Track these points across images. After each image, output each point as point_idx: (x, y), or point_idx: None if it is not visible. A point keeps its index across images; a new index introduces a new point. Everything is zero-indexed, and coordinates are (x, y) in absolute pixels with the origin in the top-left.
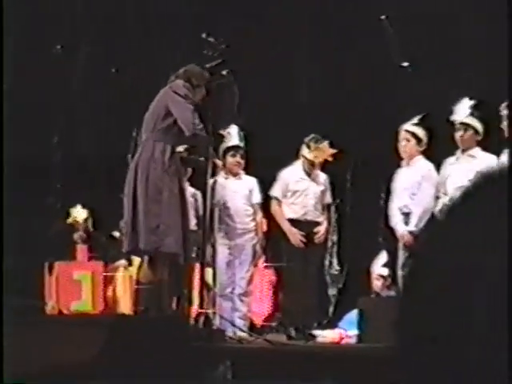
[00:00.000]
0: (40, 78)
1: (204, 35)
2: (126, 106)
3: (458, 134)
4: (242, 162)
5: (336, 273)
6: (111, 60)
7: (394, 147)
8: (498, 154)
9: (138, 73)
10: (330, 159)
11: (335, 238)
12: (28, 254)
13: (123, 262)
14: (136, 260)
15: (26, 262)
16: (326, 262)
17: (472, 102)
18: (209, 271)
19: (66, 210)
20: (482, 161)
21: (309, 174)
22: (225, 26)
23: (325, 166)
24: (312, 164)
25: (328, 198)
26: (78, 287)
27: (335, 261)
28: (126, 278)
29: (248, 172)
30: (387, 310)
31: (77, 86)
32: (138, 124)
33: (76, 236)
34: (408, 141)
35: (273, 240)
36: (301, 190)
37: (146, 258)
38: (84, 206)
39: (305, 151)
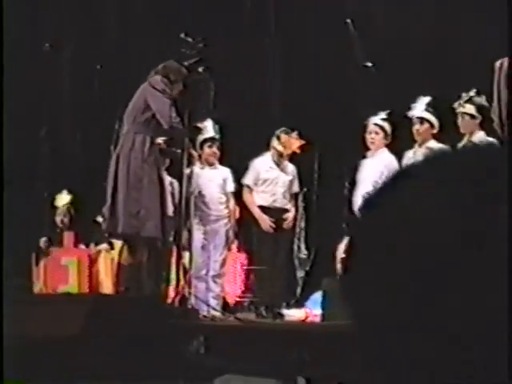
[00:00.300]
0: (29, 74)
1: (182, 35)
2: (110, 101)
3: (414, 128)
4: (218, 152)
5: (304, 257)
6: (96, 57)
7: (358, 140)
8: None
9: (121, 69)
10: (298, 151)
11: (303, 224)
12: (19, 239)
13: (105, 245)
14: (117, 244)
15: (17, 247)
16: (295, 247)
17: (428, 99)
18: (185, 254)
19: (53, 196)
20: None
21: (278, 164)
22: (201, 25)
23: (293, 157)
24: (281, 155)
25: (296, 187)
26: (65, 272)
27: (303, 245)
28: (107, 261)
29: (222, 162)
30: None
31: (64, 82)
32: (120, 117)
33: (58, 219)
34: (377, 133)
35: (245, 226)
36: (271, 179)
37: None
38: (70, 192)
39: (275, 143)
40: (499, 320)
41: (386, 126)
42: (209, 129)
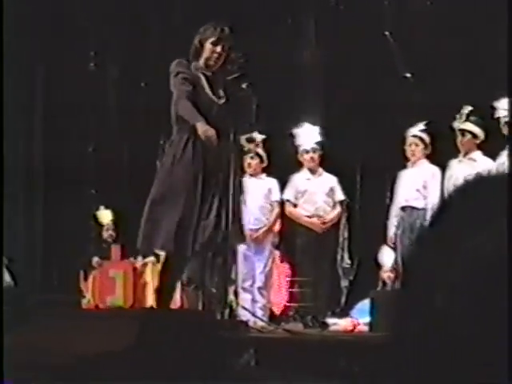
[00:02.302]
0: (76, 93)
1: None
2: (155, 118)
3: (458, 140)
4: (264, 163)
5: (347, 266)
6: (141, 74)
7: (398, 150)
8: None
9: (165, 86)
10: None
11: (346, 234)
12: (68, 253)
13: (152, 258)
14: (163, 256)
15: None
16: (338, 257)
17: (469, 109)
18: (230, 266)
19: (92, 214)
20: (482, 164)
21: (313, 173)
22: (242, 40)
23: (335, 168)
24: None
25: (339, 195)
26: (112, 284)
27: (346, 255)
28: (154, 273)
29: (268, 173)
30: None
31: (109, 100)
32: (166, 134)
33: (106, 235)
34: (416, 145)
35: (286, 237)
36: (309, 190)
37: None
38: (107, 207)
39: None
40: None
41: (425, 137)
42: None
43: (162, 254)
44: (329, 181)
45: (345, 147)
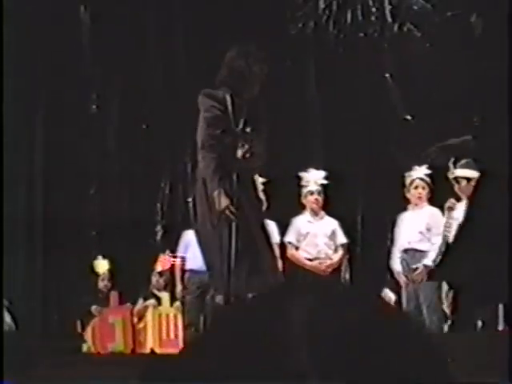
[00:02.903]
0: (77, 135)
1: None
2: (155, 160)
3: (456, 188)
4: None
5: None
6: (142, 117)
7: (398, 192)
8: None
9: (166, 129)
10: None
11: (347, 276)
12: (66, 300)
13: (152, 301)
14: (165, 298)
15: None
16: None
17: (452, 160)
18: None
19: (90, 263)
20: None
21: (316, 217)
22: None
23: (336, 210)
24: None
25: (341, 238)
26: (112, 330)
27: None
28: (155, 316)
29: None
30: None
31: (110, 142)
32: (167, 177)
33: (101, 285)
34: (423, 188)
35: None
36: (311, 232)
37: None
38: (105, 257)
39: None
40: None
41: (429, 180)
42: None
43: (164, 295)
44: (330, 224)
45: (346, 190)
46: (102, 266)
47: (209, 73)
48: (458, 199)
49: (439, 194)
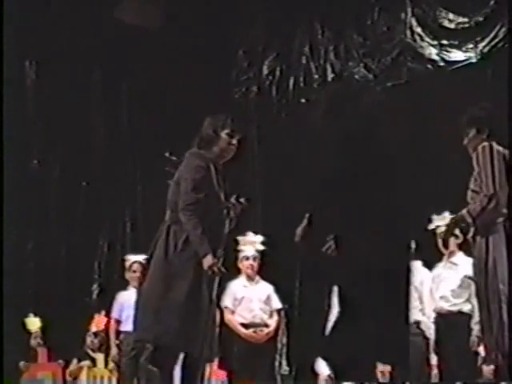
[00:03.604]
0: (17, 189)
1: (167, 154)
2: (95, 217)
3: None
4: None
5: (285, 373)
6: (82, 174)
7: None
8: None
9: (107, 186)
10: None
11: (284, 340)
12: None
13: (87, 362)
14: (99, 359)
15: None
16: (276, 363)
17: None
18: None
19: (22, 320)
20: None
21: (250, 280)
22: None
23: (273, 274)
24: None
25: (275, 303)
26: None
27: (284, 362)
28: (90, 378)
29: None
30: None
31: (50, 198)
32: (106, 235)
33: (33, 342)
34: None
35: (225, 343)
36: (246, 297)
37: None
38: (37, 315)
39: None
40: None
41: None
42: None
43: (99, 356)
44: (265, 288)
45: (284, 254)
46: (33, 323)
47: (150, 133)
48: None
49: None
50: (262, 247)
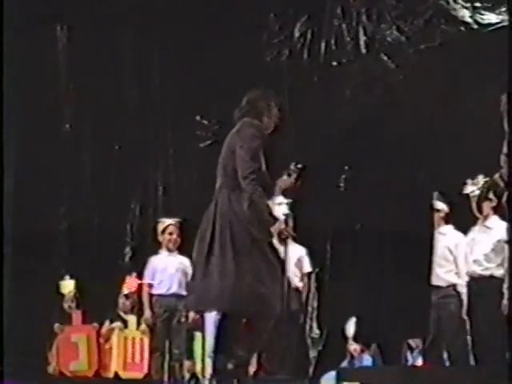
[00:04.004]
0: (49, 154)
1: (198, 117)
2: (127, 181)
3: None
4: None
5: (316, 336)
6: (114, 138)
7: None
8: None
9: (138, 150)
10: None
11: (315, 304)
12: (32, 317)
13: (119, 323)
14: (131, 321)
15: (30, 325)
16: (307, 327)
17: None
18: (198, 335)
19: (57, 283)
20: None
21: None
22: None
23: (306, 237)
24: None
25: (307, 267)
26: (75, 349)
27: (315, 325)
28: (120, 339)
29: None
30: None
31: (83, 162)
32: (138, 198)
33: (65, 306)
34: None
35: None
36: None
37: None
38: (72, 277)
39: None
40: None
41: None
42: None
43: (131, 318)
44: (297, 251)
45: (315, 217)
46: (67, 286)
47: (182, 97)
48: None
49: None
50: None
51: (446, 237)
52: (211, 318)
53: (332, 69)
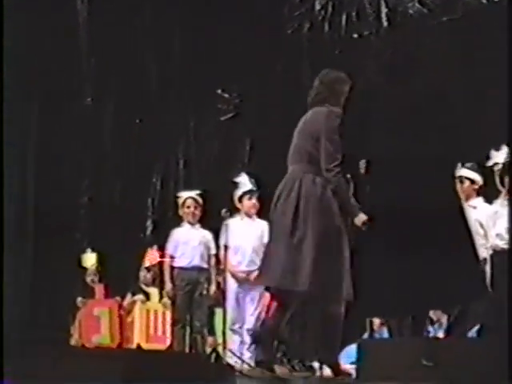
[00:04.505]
0: (71, 127)
1: (219, 91)
2: (148, 155)
3: (457, 187)
4: (257, 204)
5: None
6: (135, 111)
7: None
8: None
9: (159, 123)
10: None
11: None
12: (55, 290)
13: (141, 296)
14: (154, 294)
15: (53, 298)
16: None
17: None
18: (219, 311)
19: (79, 256)
20: (482, 210)
21: None
22: (238, 80)
23: None
24: None
25: None
26: (97, 322)
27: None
28: (142, 311)
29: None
30: (383, 349)
31: (104, 135)
32: (159, 172)
33: (88, 279)
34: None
35: None
36: None
37: None
38: (93, 250)
39: None
40: None
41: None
42: (245, 182)
43: (153, 291)
44: None
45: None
46: (89, 259)
47: (203, 70)
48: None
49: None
50: None
51: (477, 210)
52: (232, 291)
53: (353, 41)
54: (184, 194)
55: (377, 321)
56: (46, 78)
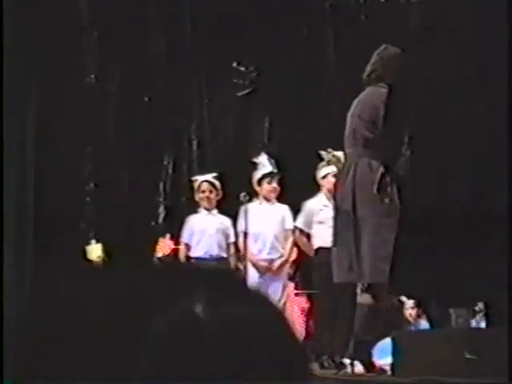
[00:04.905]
0: (74, 107)
1: (235, 64)
2: (158, 135)
3: None
4: (278, 188)
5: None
6: (143, 88)
7: None
8: None
9: (169, 101)
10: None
11: None
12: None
13: None
14: None
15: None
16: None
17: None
18: None
19: (83, 248)
20: None
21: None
22: (254, 53)
23: None
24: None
25: None
26: None
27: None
28: None
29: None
30: (421, 342)
31: (109, 115)
32: (170, 154)
33: None
34: None
35: (303, 267)
36: (326, 219)
37: None
38: (99, 241)
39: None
40: None
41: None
42: (265, 163)
43: None
44: None
45: None
46: (94, 251)
47: (217, 42)
48: None
49: None
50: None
51: None
52: (254, 282)
53: (380, 6)
54: (199, 178)
55: (413, 312)
56: (46, 55)
